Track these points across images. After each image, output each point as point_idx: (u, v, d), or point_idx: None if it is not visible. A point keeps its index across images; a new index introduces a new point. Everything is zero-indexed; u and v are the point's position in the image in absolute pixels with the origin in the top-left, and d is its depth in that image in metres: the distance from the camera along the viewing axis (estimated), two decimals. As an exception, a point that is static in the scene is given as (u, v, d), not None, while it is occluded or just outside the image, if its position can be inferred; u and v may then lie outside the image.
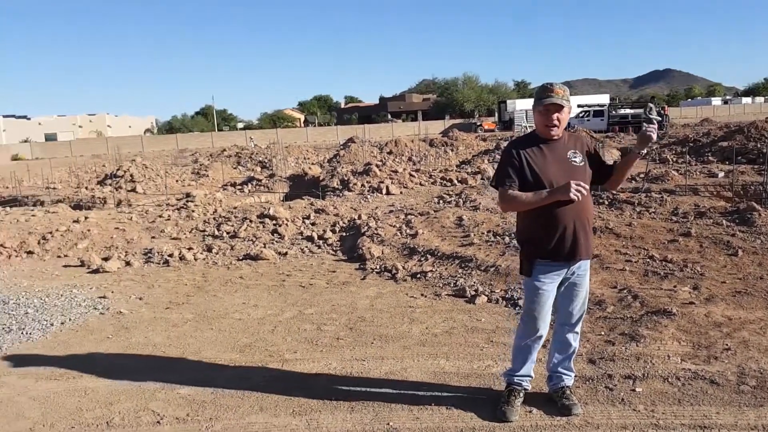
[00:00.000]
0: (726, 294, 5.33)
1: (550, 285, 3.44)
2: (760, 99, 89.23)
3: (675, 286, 5.61)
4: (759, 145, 15.69)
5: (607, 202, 9.69)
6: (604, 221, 8.19)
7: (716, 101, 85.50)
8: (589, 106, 44.45)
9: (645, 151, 3.45)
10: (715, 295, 5.31)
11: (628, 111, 41.78)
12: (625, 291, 5.57)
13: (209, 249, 8.80)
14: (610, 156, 20.77)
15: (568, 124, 3.59)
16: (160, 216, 11.34)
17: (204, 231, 10.16)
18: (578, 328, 3.64)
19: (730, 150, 14.25)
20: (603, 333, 4.74)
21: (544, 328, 3.53)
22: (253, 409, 3.84)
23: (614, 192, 10.42)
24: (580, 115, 41.07)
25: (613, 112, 41.20)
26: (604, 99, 64.21)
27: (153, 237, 9.96)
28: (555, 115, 3.33)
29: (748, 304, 5.09)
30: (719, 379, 3.81)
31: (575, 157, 3.40)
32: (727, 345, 4.29)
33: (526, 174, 3.35)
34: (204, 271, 7.76)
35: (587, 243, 3.43)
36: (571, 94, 3.47)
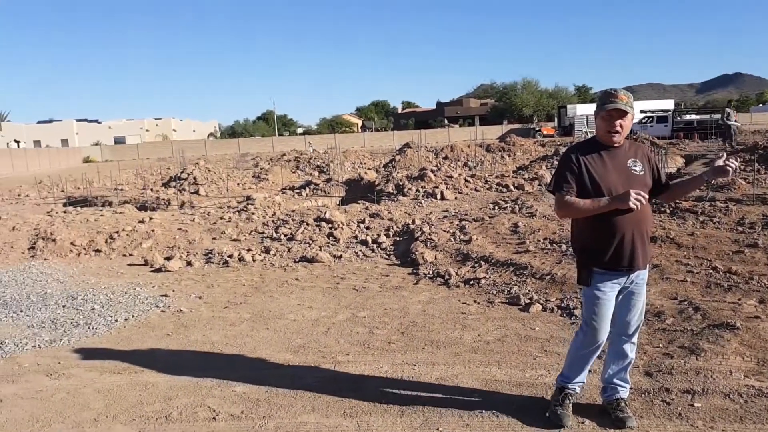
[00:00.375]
0: (795, 309, 5.08)
1: (609, 294, 3.39)
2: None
3: (739, 299, 5.39)
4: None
5: (668, 211, 9.38)
6: (665, 230, 7.94)
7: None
8: (653, 111, 43.16)
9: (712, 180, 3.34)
10: (783, 309, 5.07)
11: (693, 117, 40.32)
12: (685, 303, 5.39)
13: (267, 251, 9.00)
14: (674, 163, 20.11)
15: (631, 130, 3.54)
16: (221, 218, 11.67)
17: (263, 233, 10.39)
18: (635, 339, 3.56)
19: (804, 158, 13.57)
20: (661, 345, 4.61)
21: (604, 338, 3.48)
22: (305, 408, 3.91)
23: (676, 201, 10.09)
24: (643, 120, 39.90)
25: (678, 118, 39.84)
26: (668, 104, 62.18)
27: (214, 238, 10.25)
28: (618, 122, 3.28)
29: (819, 320, 4.84)
30: (785, 397, 3.64)
31: (635, 165, 3.34)
32: (794, 362, 4.10)
33: (585, 180, 3.30)
34: (261, 272, 7.94)
35: (645, 253, 3.37)
36: (634, 100, 3.42)
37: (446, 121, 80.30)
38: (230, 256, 8.68)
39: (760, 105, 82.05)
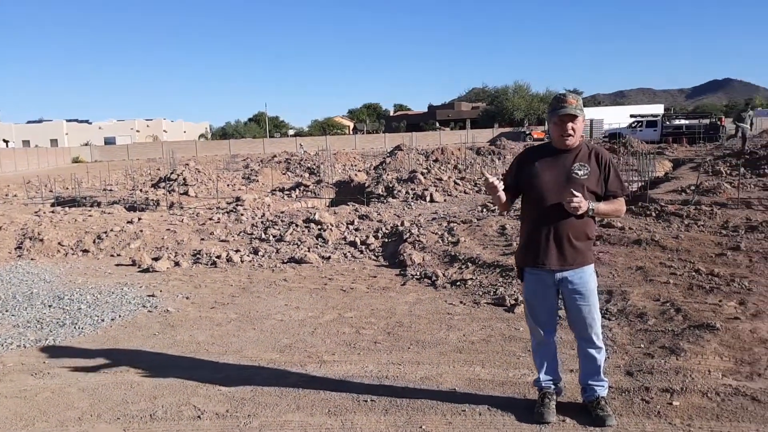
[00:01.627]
0: (775, 310, 5.16)
1: (537, 291, 3.58)
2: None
3: (720, 301, 5.46)
4: (821, 158, 15.06)
5: (654, 214, 9.48)
6: (650, 233, 8.02)
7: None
8: (642, 116, 43.41)
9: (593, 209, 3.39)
10: (762, 311, 5.15)
11: (682, 122, 40.62)
12: (668, 304, 5.46)
13: (255, 252, 9.02)
14: (662, 167, 20.27)
15: (619, 134, 3.63)
16: (210, 219, 11.67)
17: (251, 234, 10.40)
18: (598, 342, 3.59)
19: (789, 163, 13.73)
20: (643, 345, 4.67)
21: (542, 334, 3.66)
22: (290, 407, 3.94)
23: (663, 204, 10.19)
24: (633, 125, 40.15)
25: (667, 122, 40.11)
26: (658, 109, 62.61)
27: (202, 239, 10.25)
28: (569, 125, 3.38)
29: (798, 321, 4.92)
30: (762, 396, 3.71)
31: (580, 169, 3.40)
32: (772, 362, 4.17)
33: (523, 179, 3.52)
34: (249, 273, 7.96)
35: (562, 254, 3.43)
36: (624, 104, 3.50)
37: (438, 124, 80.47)
38: (218, 257, 8.69)
39: (759, 109, 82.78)
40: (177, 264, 8.49)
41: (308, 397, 4.07)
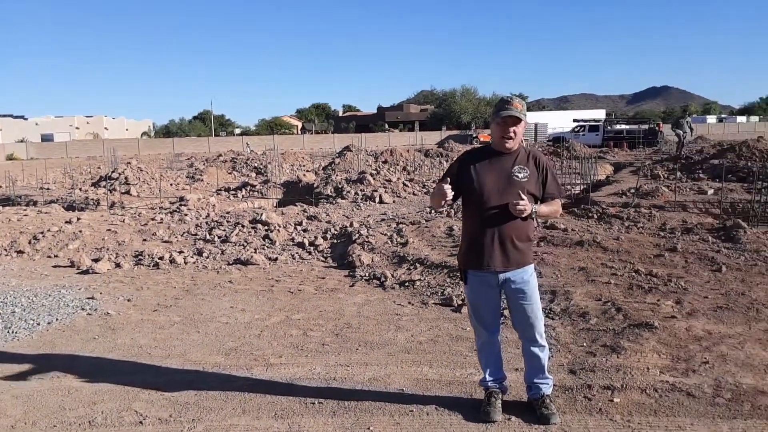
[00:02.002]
0: (708, 309, 5.39)
1: (480, 293, 3.62)
2: (755, 118, 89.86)
3: (658, 300, 5.67)
4: (749, 164, 15.81)
5: (596, 216, 9.76)
6: (592, 235, 8.25)
7: (711, 119, 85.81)
8: (585, 121, 44.70)
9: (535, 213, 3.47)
10: (697, 309, 5.37)
11: (623, 126, 42.03)
12: (609, 303, 5.63)
13: (200, 253, 8.83)
14: (604, 171, 20.90)
15: (562, 138, 3.70)
16: (153, 219, 11.36)
17: (196, 235, 10.18)
18: (542, 341, 3.66)
19: (720, 168, 14.36)
20: (585, 344, 4.79)
21: (486, 334, 3.71)
22: (235, 411, 3.87)
23: (604, 206, 10.51)
24: (576, 129, 41.29)
25: (609, 127, 41.43)
26: (600, 114, 64.60)
27: (145, 240, 9.97)
28: (512, 128, 3.43)
29: (729, 319, 5.15)
30: (696, 391, 3.86)
31: (519, 172, 3.46)
32: (705, 359, 4.35)
33: (464, 181, 3.52)
34: (193, 275, 7.79)
35: (506, 256, 3.49)
36: (568, 109, 3.56)
37: (387, 126, 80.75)
38: (161, 258, 8.46)
39: (694, 116, 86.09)
40: (118, 265, 8.23)
41: (254, 401, 4.01)
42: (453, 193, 3.45)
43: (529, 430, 3.49)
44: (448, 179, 3.49)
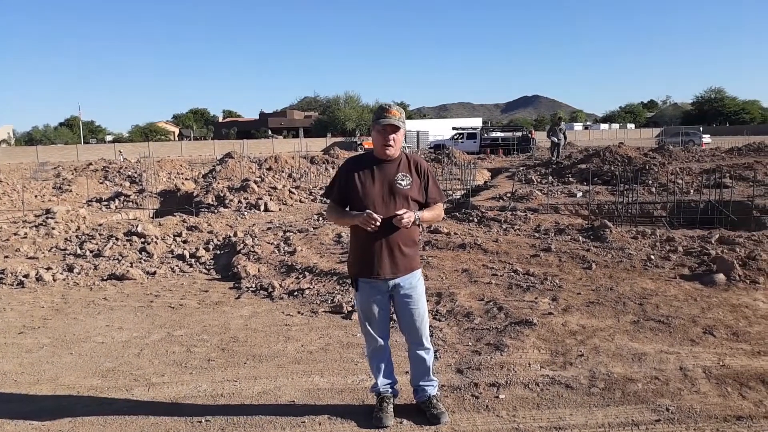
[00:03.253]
0: (581, 304, 5.76)
1: (372, 300, 3.61)
2: (615, 125, 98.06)
3: (536, 298, 5.98)
4: (612, 168, 17.16)
5: (476, 220, 10.15)
6: (473, 237, 8.57)
7: (578, 126, 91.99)
8: (463, 128, 46.49)
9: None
10: (571, 305, 5.72)
11: (499, 134, 44.13)
12: (491, 303, 5.85)
13: (70, 269, 8.20)
14: (481, 176, 21.82)
15: (442, 145, 3.76)
16: (16, 233, 10.44)
17: (65, 250, 9.47)
18: (427, 344, 3.74)
19: (588, 172, 15.47)
20: (471, 343, 4.95)
21: (378, 341, 3.71)
22: (114, 437, 3.61)
23: (483, 210, 10.96)
24: (455, 137, 42.85)
25: (485, 135, 43.33)
26: (477, 122, 67.48)
27: (6, 256, 9.14)
28: (391, 136, 3.47)
29: (600, 313, 5.53)
30: (573, 383, 4.10)
31: (402, 180, 3.52)
32: (580, 351, 4.63)
33: (350, 191, 3.52)
34: (64, 293, 7.22)
35: (394, 262, 3.54)
36: (447, 117, 3.63)
37: (270, 132, 79.59)
38: (26, 276, 7.77)
39: (564, 123, 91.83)
40: (-27, 286, 7.46)
41: (136, 423, 3.76)
42: (380, 219, 3.38)
43: (421, 432, 3.54)
44: (337, 195, 3.55)
